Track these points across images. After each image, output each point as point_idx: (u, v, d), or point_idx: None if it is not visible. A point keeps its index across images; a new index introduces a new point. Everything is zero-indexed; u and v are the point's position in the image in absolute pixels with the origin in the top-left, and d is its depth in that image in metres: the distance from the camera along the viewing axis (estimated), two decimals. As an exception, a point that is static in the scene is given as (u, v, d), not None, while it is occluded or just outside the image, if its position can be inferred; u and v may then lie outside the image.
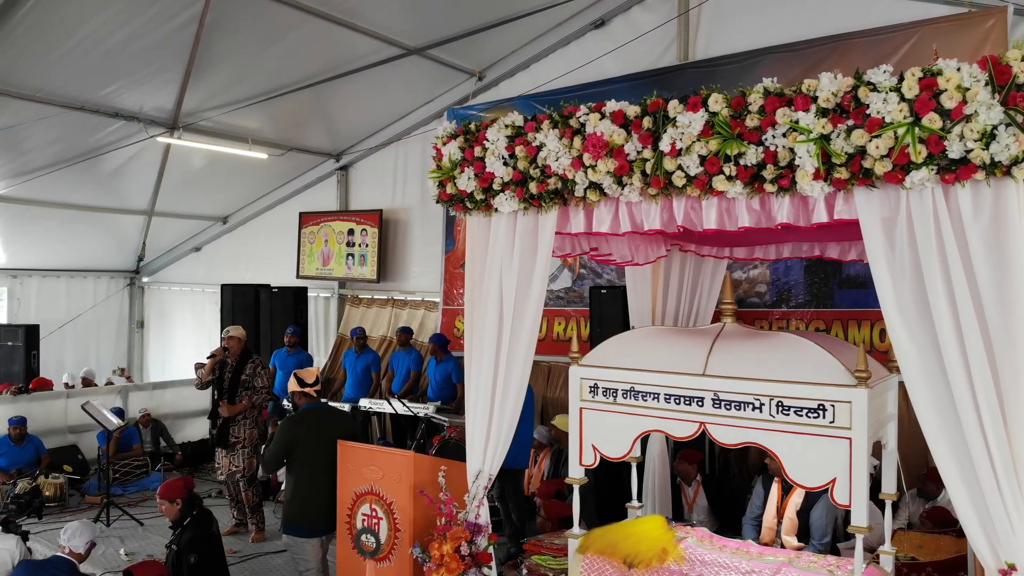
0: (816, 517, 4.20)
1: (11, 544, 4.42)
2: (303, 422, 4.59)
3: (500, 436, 3.93)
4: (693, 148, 3.21)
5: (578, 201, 3.59)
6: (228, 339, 6.65)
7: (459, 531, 3.83)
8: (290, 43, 7.70)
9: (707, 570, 3.50)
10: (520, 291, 3.83)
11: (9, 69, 7.05)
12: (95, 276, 12.44)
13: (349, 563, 4.42)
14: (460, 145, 3.95)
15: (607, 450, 3.72)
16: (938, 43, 6.19)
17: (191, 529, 4.69)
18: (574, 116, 3.55)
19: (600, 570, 3.68)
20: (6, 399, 8.24)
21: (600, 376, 3.73)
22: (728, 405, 3.40)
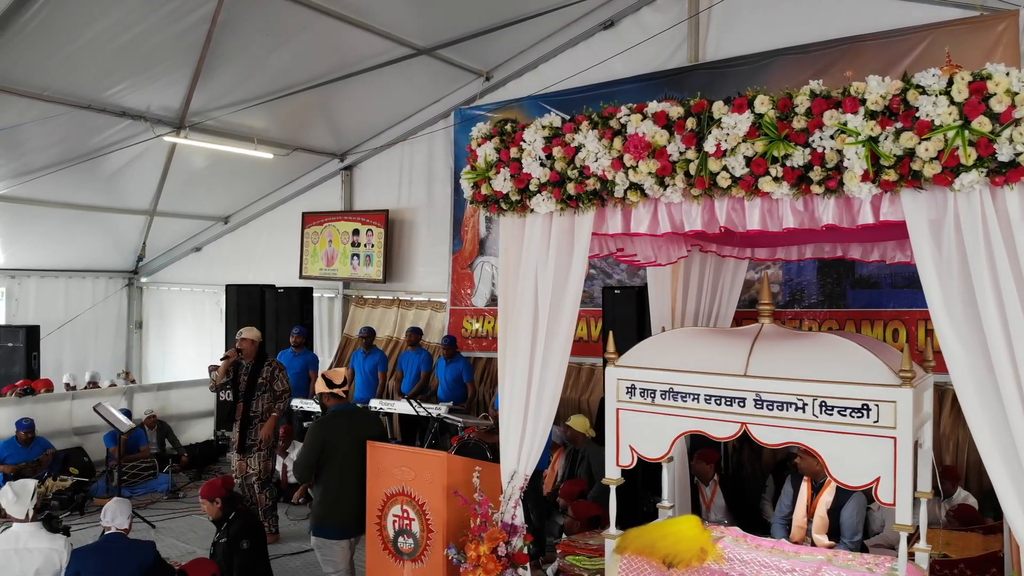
0: (847, 516, 4.23)
1: (59, 544, 4.36)
2: (332, 424, 4.58)
3: (536, 437, 3.93)
4: (739, 149, 3.21)
5: (617, 202, 3.59)
6: (241, 341, 6.59)
7: (496, 532, 3.83)
8: (300, 42, 7.66)
9: (748, 569, 3.52)
10: (556, 292, 3.83)
11: (17, 67, 6.98)
12: (93, 276, 12.34)
13: (379, 564, 4.40)
14: (496, 146, 3.93)
15: (645, 451, 3.73)
16: (950, 46, 6.24)
17: (239, 520, 4.89)
18: (614, 117, 3.55)
19: (639, 570, 3.68)
20: (10, 401, 8.15)
21: (638, 377, 3.74)
22: (770, 405, 3.41)
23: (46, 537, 4.35)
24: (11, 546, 4.24)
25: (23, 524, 4.33)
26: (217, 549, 4.96)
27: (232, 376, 6.59)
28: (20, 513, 4.36)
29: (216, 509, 4.97)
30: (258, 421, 6.54)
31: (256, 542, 5.02)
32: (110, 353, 12.62)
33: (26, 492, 4.35)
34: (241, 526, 4.93)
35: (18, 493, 4.36)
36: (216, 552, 4.97)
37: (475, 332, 9.03)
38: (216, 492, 4.96)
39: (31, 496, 4.36)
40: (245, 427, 6.51)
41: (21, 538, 4.27)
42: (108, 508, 4.47)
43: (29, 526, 4.32)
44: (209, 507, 4.97)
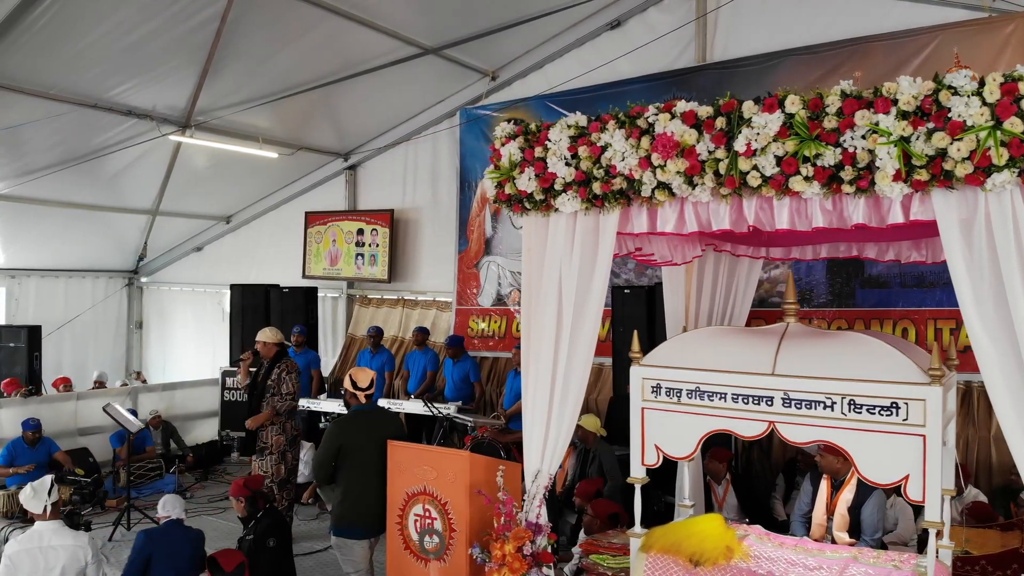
0: (868, 513, 4.26)
1: (83, 541, 4.34)
2: (351, 423, 4.57)
3: (560, 436, 3.94)
4: (769, 148, 3.23)
5: (643, 201, 3.60)
6: (256, 343, 6.58)
7: (521, 531, 3.83)
8: (308, 41, 7.64)
9: (775, 567, 3.53)
10: (580, 291, 3.84)
11: (23, 66, 6.94)
12: (93, 276, 12.28)
13: (400, 563, 4.40)
14: (520, 145, 3.93)
15: (671, 450, 3.74)
16: (959, 47, 6.30)
17: (266, 518, 5.02)
18: (642, 116, 3.56)
19: (665, 568, 3.69)
20: (16, 401, 8.11)
21: (664, 376, 3.74)
22: (799, 404, 3.42)
23: (70, 534, 4.34)
24: (35, 544, 4.22)
25: (45, 522, 4.31)
26: (243, 547, 5.02)
27: (253, 378, 6.57)
28: (38, 508, 4.34)
29: (241, 507, 5.10)
30: (268, 423, 6.50)
31: (282, 541, 5.08)
32: (110, 353, 12.56)
33: (43, 488, 4.33)
34: (268, 525, 5.01)
35: (36, 489, 4.34)
36: (242, 549, 5.00)
37: (481, 332, 9.03)
38: (239, 492, 5.09)
39: (47, 491, 4.34)
40: (256, 429, 6.48)
41: (44, 536, 4.25)
42: (165, 500, 4.99)
43: (51, 524, 4.30)
44: (236, 505, 5.14)
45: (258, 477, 5.63)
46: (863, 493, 4.31)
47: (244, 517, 5.17)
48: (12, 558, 4.20)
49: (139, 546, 4.70)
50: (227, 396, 9.72)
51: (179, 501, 5.08)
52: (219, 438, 9.62)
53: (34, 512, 4.37)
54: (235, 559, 4.28)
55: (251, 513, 5.14)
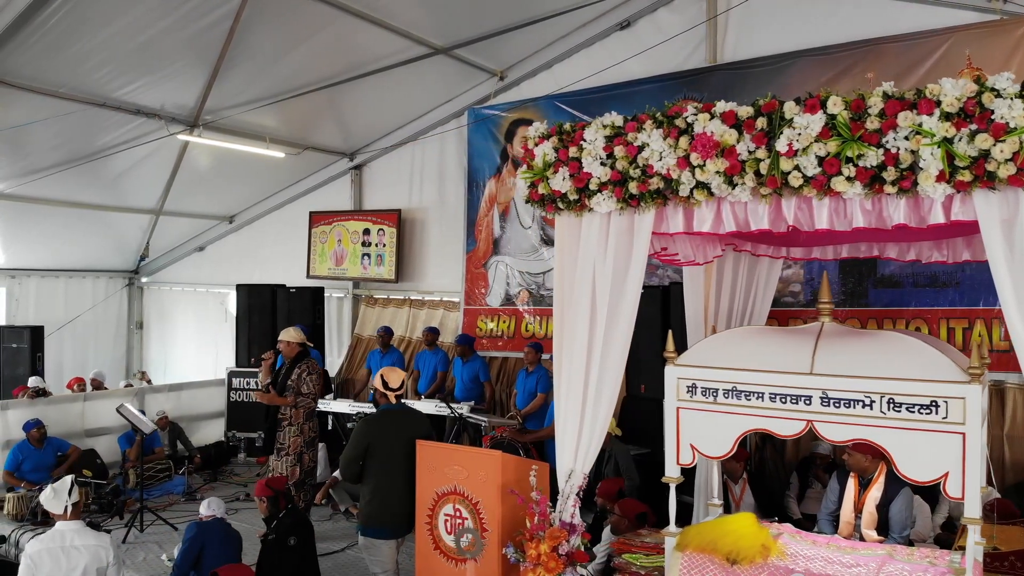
0: (896, 511, 4.30)
1: (105, 541, 4.33)
2: (379, 423, 4.56)
3: (594, 435, 3.95)
4: (811, 149, 3.25)
5: (681, 200, 3.61)
6: (279, 343, 6.57)
7: (556, 530, 3.84)
8: (319, 41, 7.62)
9: (812, 564, 3.55)
10: (614, 290, 3.85)
11: (32, 64, 6.88)
12: (94, 276, 12.20)
13: (429, 563, 4.40)
14: (554, 145, 3.93)
15: (707, 449, 3.76)
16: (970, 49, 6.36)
17: (287, 518, 5.04)
18: (680, 116, 3.57)
19: (701, 567, 3.71)
20: (23, 403, 8.03)
21: (699, 376, 3.76)
22: (837, 403, 3.45)
23: (91, 534, 4.32)
24: (56, 544, 4.20)
25: (66, 522, 4.28)
26: (266, 547, 5.03)
27: (274, 378, 6.54)
28: (58, 508, 4.32)
29: (264, 507, 5.11)
30: (287, 424, 6.47)
31: (303, 539, 5.06)
32: (110, 354, 12.47)
33: (63, 488, 4.31)
34: (289, 524, 5.00)
35: (56, 490, 4.33)
36: (266, 550, 5.03)
37: (490, 332, 9.03)
38: (262, 491, 5.12)
39: (67, 492, 4.32)
40: (272, 430, 6.46)
41: (66, 536, 4.23)
42: (210, 501, 5.27)
43: (73, 524, 4.28)
44: (260, 505, 5.16)
45: (282, 478, 5.61)
46: (891, 491, 4.35)
47: (267, 517, 5.16)
48: (33, 557, 4.18)
49: (192, 535, 4.97)
50: (234, 397, 9.70)
51: (221, 502, 5.37)
52: (225, 439, 9.58)
53: (54, 512, 4.35)
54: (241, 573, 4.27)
55: (273, 513, 5.14)
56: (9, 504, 6.95)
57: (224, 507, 5.35)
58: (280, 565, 4.77)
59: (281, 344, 6.49)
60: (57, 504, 4.31)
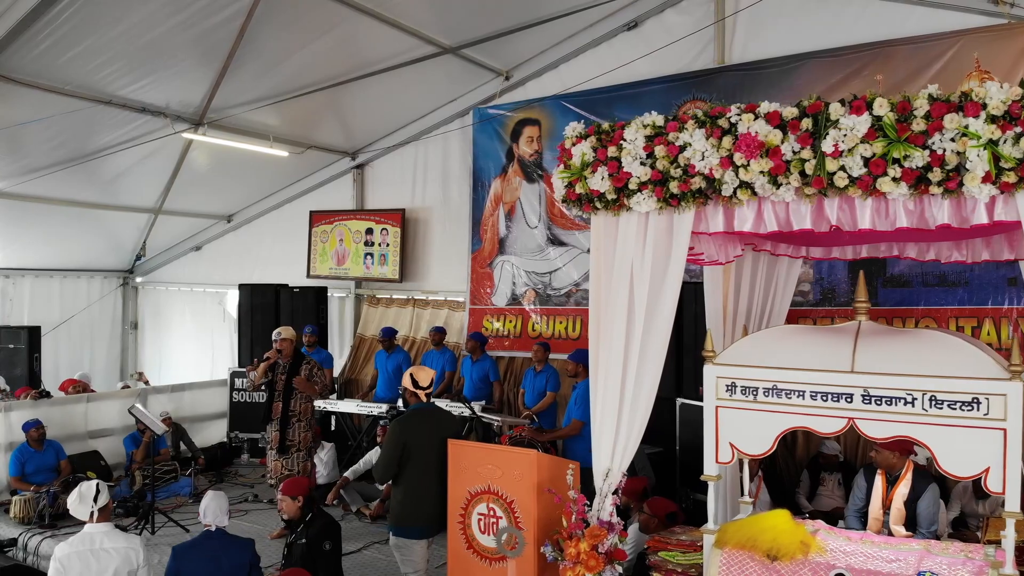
0: (924, 507, 4.36)
1: (136, 543, 4.27)
2: (411, 422, 4.55)
3: (631, 434, 3.97)
4: (856, 150, 3.29)
5: (723, 200, 3.64)
6: (281, 341, 6.51)
7: (596, 529, 3.85)
8: (329, 39, 7.58)
9: (852, 560, 3.59)
10: (653, 290, 3.88)
11: (41, 61, 6.79)
12: (88, 276, 12.04)
13: (463, 562, 4.40)
14: (592, 145, 3.94)
15: (746, 448, 3.80)
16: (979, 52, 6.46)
17: (318, 521, 4.85)
18: (723, 116, 3.60)
19: (740, 564, 3.74)
20: (26, 404, 7.93)
21: (739, 375, 3.79)
22: (879, 400, 3.50)
23: (121, 536, 4.28)
24: (86, 547, 4.15)
25: (95, 525, 4.23)
26: (294, 551, 4.85)
27: (271, 377, 6.49)
28: (84, 515, 4.27)
29: (297, 508, 4.88)
30: (296, 421, 6.46)
31: (337, 543, 4.96)
32: (104, 354, 12.32)
33: (89, 493, 4.26)
34: (322, 527, 4.85)
35: (82, 495, 4.27)
36: (292, 554, 4.86)
37: (496, 331, 9.03)
38: (301, 490, 4.91)
39: (93, 497, 4.27)
40: (284, 427, 6.42)
41: (96, 539, 4.18)
42: (206, 506, 4.47)
43: (102, 526, 4.23)
44: (290, 505, 4.88)
45: (307, 479, 5.52)
46: (919, 487, 4.41)
47: (294, 519, 4.96)
48: (62, 561, 4.13)
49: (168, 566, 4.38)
50: (236, 397, 9.63)
51: (222, 504, 4.57)
52: (228, 440, 9.51)
53: (80, 518, 4.30)
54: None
55: (303, 514, 4.94)
56: (16, 507, 6.85)
57: (225, 510, 4.53)
58: (317, 571, 4.66)
59: (285, 342, 6.44)
60: (83, 510, 4.26)
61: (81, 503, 4.30)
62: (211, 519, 4.44)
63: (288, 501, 4.94)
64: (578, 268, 8.61)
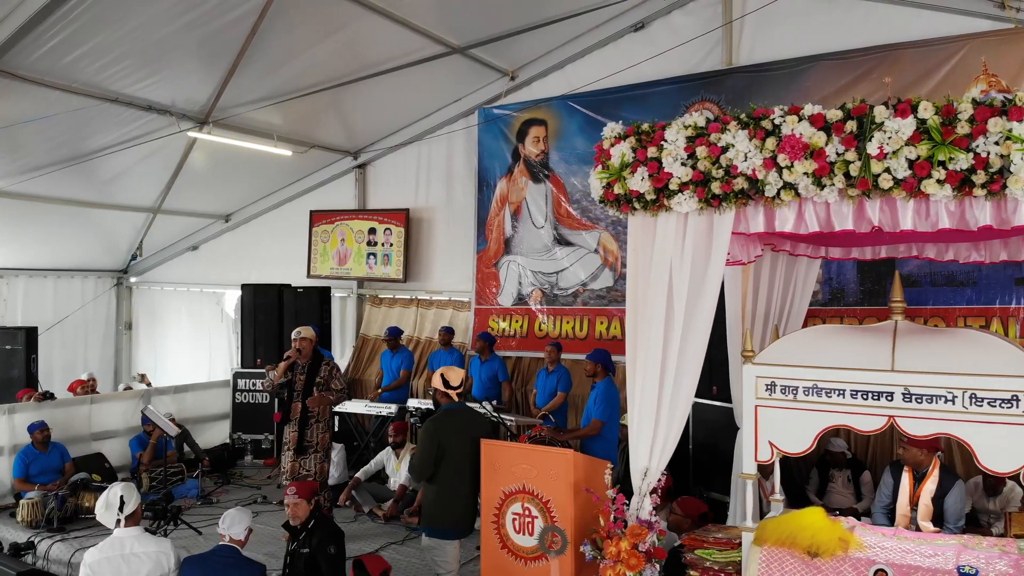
0: (952, 502, 4.44)
1: (166, 547, 4.23)
2: (446, 422, 4.54)
3: (670, 433, 4.00)
4: (901, 152, 3.34)
5: (766, 201, 3.67)
6: (300, 340, 6.46)
7: (637, 527, 3.88)
8: (339, 38, 7.56)
9: (892, 555, 3.64)
10: (692, 290, 3.91)
11: (48, 58, 6.70)
12: (82, 276, 11.88)
13: (496, 562, 4.41)
14: (632, 145, 3.96)
15: (786, 446, 3.84)
16: (986, 56, 6.57)
17: (321, 526, 4.78)
18: (766, 118, 3.63)
19: (780, 561, 3.78)
20: (30, 406, 7.81)
21: (779, 375, 3.83)
22: (919, 399, 3.55)
23: (152, 541, 4.24)
24: (116, 552, 4.11)
25: (125, 530, 4.19)
26: (297, 559, 4.75)
27: (289, 377, 6.44)
28: (110, 522, 4.23)
29: (306, 510, 4.81)
30: (314, 422, 6.42)
31: (341, 547, 4.89)
32: (98, 355, 12.16)
33: (115, 501, 4.21)
34: (326, 533, 4.80)
35: (109, 503, 4.22)
36: (296, 562, 4.75)
37: (502, 331, 9.03)
38: (313, 492, 4.87)
39: (119, 506, 4.22)
40: (303, 428, 6.37)
41: (125, 544, 4.14)
42: (228, 515, 4.38)
43: (132, 530, 4.19)
44: (303, 507, 4.78)
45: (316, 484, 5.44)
46: (946, 483, 4.49)
47: (301, 524, 4.82)
48: (92, 567, 4.08)
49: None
50: (239, 398, 9.56)
51: (243, 519, 4.42)
52: (231, 441, 9.43)
53: (107, 525, 4.26)
54: (380, 565, 4.19)
55: (307, 520, 4.83)
56: (24, 510, 6.75)
57: (245, 526, 4.36)
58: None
59: (305, 342, 6.39)
60: (109, 518, 4.22)
61: (107, 511, 4.26)
62: (226, 527, 4.33)
63: (303, 504, 4.81)
64: (585, 268, 8.64)
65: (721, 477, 6.15)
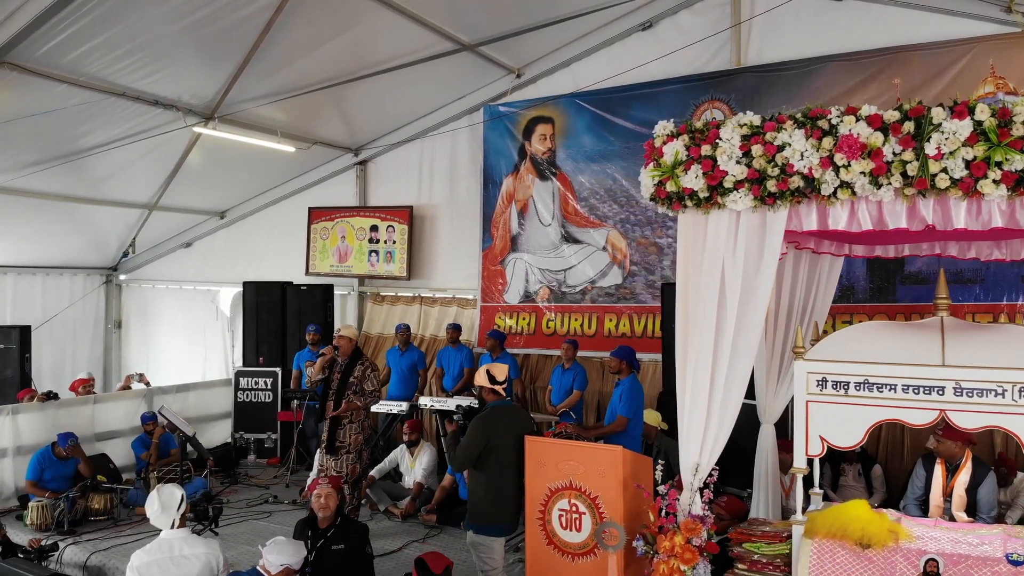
0: (985, 493, 4.56)
1: (215, 547, 4.18)
2: (494, 419, 4.55)
3: (721, 429, 4.05)
4: (958, 153, 3.42)
5: (821, 199, 3.74)
6: (339, 338, 6.40)
7: (691, 522, 3.92)
8: (353, 35, 7.49)
9: (941, 545, 3.73)
10: (745, 287, 3.96)
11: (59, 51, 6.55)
12: (71, 273, 11.64)
13: (542, 558, 4.43)
14: (685, 143, 4.00)
15: (837, 440, 3.91)
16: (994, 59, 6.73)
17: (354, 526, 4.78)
18: (823, 118, 3.69)
19: (831, 552, 3.85)
20: (33, 407, 7.64)
21: (830, 370, 3.90)
22: (970, 392, 3.65)
23: (200, 542, 4.19)
24: (165, 555, 4.05)
25: (172, 531, 4.13)
26: (328, 556, 4.65)
27: (327, 374, 6.39)
28: (166, 524, 4.17)
29: (334, 505, 4.75)
30: (347, 422, 6.35)
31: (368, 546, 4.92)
32: (87, 354, 11.92)
33: (172, 503, 4.16)
34: (362, 531, 4.80)
35: (165, 504, 4.16)
36: (325, 559, 4.64)
37: (509, 329, 9.04)
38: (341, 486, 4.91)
39: (177, 507, 4.17)
40: (334, 428, 6.30)
41: (174, 546, 4.09)
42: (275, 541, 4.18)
43: (179, 532, 4.14)
44: (334, 499, 4.74)
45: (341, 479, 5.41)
46: (979, 474, 4.61)
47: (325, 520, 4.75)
48: (140, 570, 4.02)
49: None
50: (241, 397, 9.45)
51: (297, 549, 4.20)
52: (232, 440, 9.33)
53: (161, 527, 4.19)
54: (443, 562, 4.18)
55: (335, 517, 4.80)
56: (33, 513, 6.61)
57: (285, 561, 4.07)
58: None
59: (343, 340, 6.34)
60: (166, 519, 4.15)
61: (164, 512, 4.18)
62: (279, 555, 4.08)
63: (334, 496, 4.76)
64: (593, 266, 8.69)
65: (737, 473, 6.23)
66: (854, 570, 3.81)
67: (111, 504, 7.01)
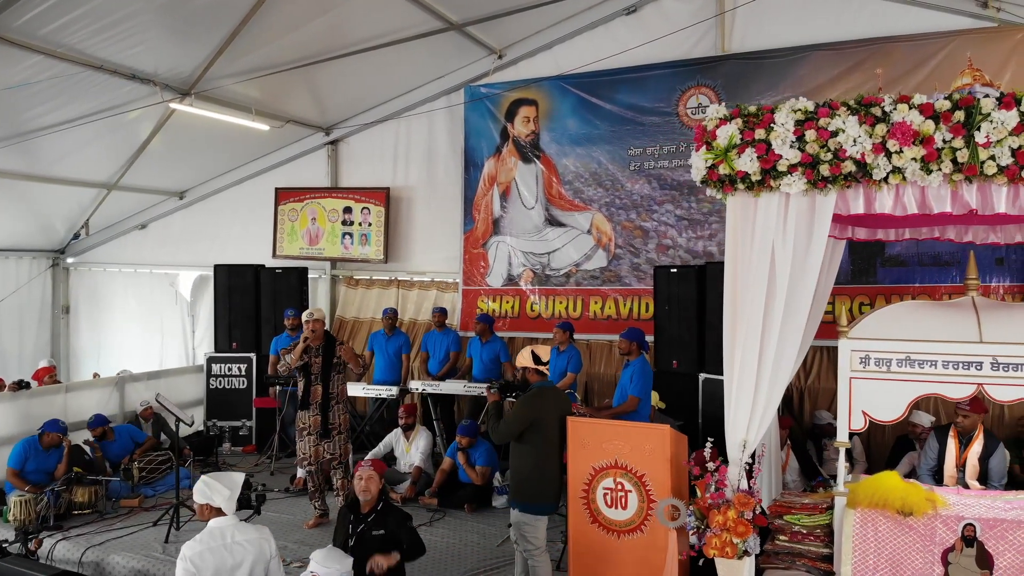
0: (996, 463, 4.86)
1: (266, 533, 4.01)
2: (542, 398, 4.56)
3: (768, 408, 4.18)
4: (1005, 141, 3.62)
5: (872, 183, 3.88)
6: (313, 322, 6.27)
7: (744, 497, 4.04)
8: (342, 12, 7.29)
9: (975, 511, 3.96)
10: (795, 270, 4.08)
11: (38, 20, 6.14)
12: (17, 256, 10.96)
13: (586, 536, 4.49)
14: (739, 127, 4.08)
15: (879, 415, 4.09)
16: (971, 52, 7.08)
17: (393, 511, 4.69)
18: (876, 105, 3.83)
19: (873, 521, 4.05)
20: (5, 396, 7.21)
21: (873, 348, 4.08)
22: (1007, 367, 3.88)
23: (251, 528, 4.05)
24: (218, 542, 3.91)
25: (221, 519, 3.99)
26: (368, 541, 4.53)
27: (305, 360, 6.24)
28: (232, 508, 4.02)
29: (379, 488, 4.68)
30: (335, 403, 6.27)
31: None
32: (32, 341, 11.28)
33: (236, 486, 4.02)
34: (401, 517, 4.69)
35: (231, 487, 4.01)
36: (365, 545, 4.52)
37: (492, 312, 9.03)
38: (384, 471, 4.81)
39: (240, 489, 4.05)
40: (325, 411, 6.21)
41: (226, 533, 3.94)
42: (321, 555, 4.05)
43: (229, 519, 3.99)
44: (376, 483, 4.65)
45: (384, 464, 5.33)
46: (990, 445, 4.90)
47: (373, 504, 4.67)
48: (193, 560, 3.86)
49: None
50: (214, 384, 9.15)
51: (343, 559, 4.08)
52: (205, 428, 9.03)
53: (228, 512, 4.01)
54: None
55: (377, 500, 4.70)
56: (16, 508, 6.25)
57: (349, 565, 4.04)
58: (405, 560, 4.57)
59: (316, 324, 6.22)
60: (230, 503, 3.99)
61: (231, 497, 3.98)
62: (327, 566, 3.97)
63: (376, 479, 4.68)
64: (578, 249, 8.76)
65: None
66: (896, 537, 4.02)
67: (95, 497, 6.70)
